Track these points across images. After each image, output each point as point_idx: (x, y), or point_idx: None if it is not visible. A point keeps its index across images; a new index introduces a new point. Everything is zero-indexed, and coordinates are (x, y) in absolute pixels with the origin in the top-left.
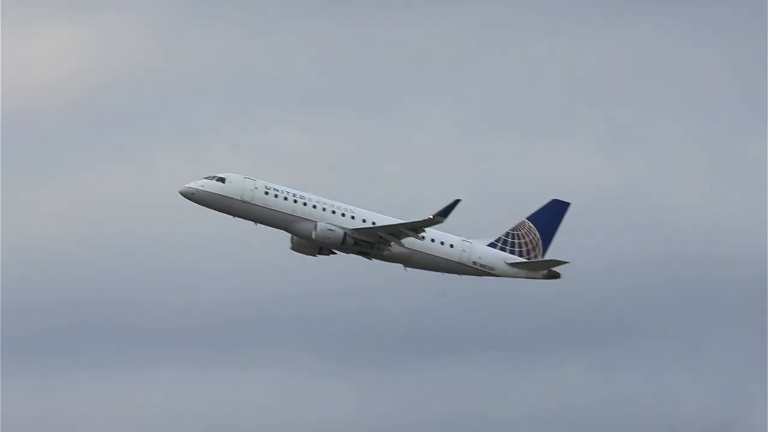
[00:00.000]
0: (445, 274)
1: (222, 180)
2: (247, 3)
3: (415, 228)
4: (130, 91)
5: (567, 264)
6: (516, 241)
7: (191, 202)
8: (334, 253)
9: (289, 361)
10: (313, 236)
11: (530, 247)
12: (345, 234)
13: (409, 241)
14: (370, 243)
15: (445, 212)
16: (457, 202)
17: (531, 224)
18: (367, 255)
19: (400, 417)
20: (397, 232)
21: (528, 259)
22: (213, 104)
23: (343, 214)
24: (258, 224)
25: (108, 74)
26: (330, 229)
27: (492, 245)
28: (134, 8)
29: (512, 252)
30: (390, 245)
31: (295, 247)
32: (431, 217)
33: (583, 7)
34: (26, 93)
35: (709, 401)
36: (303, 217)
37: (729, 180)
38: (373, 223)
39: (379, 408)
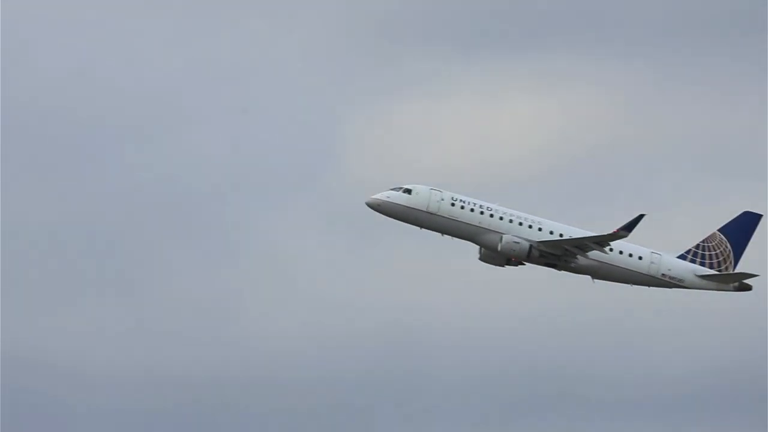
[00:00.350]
0: (634, 286)
1: (408, 191)
2: (711, 77)
3: (601, 242)
4: (592, 163)
5: (757, 277)
6: (707, 253)
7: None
8: (523, 264)
9: None
10: (499, 248)
11: (721, 259)
12: (530, 246)
13: (597, 254)
14: (557, 255)
15: (629, 227)
16: (641, 216)
17: (722, 236)
18: (555, 266)
19: None
20: (583, 245)
21: (719, 271)
22: (673, 176)
23: (530, 226)
24: (444, 235)
25: (571, 147)
26: (515, 242)
27: (682, 257)
28: (600, 81)
29: (702, 264)
30: (576, 258)
31: (484, 258)
32: (615, 231)
33: None
34: (492, 165)
35: None
36: (489, 228)
37: None
38: (561, 236)
39: None
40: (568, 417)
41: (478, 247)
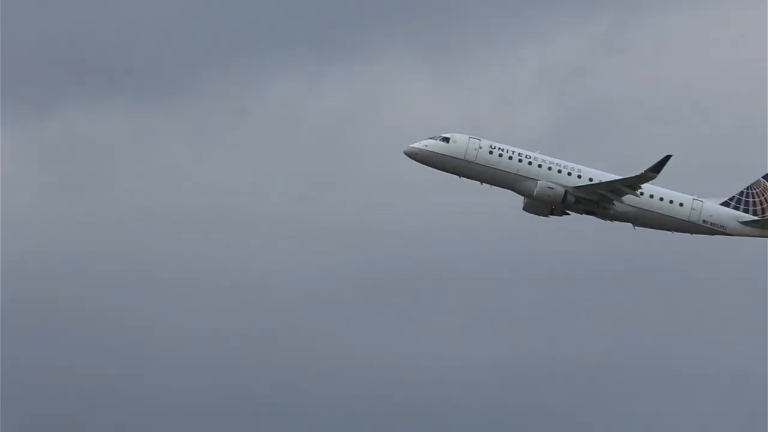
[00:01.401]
0: (675, 233)
1: (446, 140)
2: None
3: (632, 185)
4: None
5: None
6: (750, 200)
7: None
8: (567, 214)
9: None
10: (534, 194)
11: (766, 205)
12: (566, 192)
13: (637, 200)
14: (593, 201)
15: (656, 168)
16: (668, 157)
17: (767, 183)
18: (594, 214)
19: None
20: (614, 188)
21: (763, 217)
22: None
23: (569, 173)
24: (483, 183)
25: None
26: (550, 187)
27: (725, 204)
28: None
29: (746, 211)
30: (613, 203)
31: (527, 208)
32: (643, 173)
33: None
34: None
35: None
36: (527, 176)
37: None
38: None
39: None
40: None
41: (522, 197)
